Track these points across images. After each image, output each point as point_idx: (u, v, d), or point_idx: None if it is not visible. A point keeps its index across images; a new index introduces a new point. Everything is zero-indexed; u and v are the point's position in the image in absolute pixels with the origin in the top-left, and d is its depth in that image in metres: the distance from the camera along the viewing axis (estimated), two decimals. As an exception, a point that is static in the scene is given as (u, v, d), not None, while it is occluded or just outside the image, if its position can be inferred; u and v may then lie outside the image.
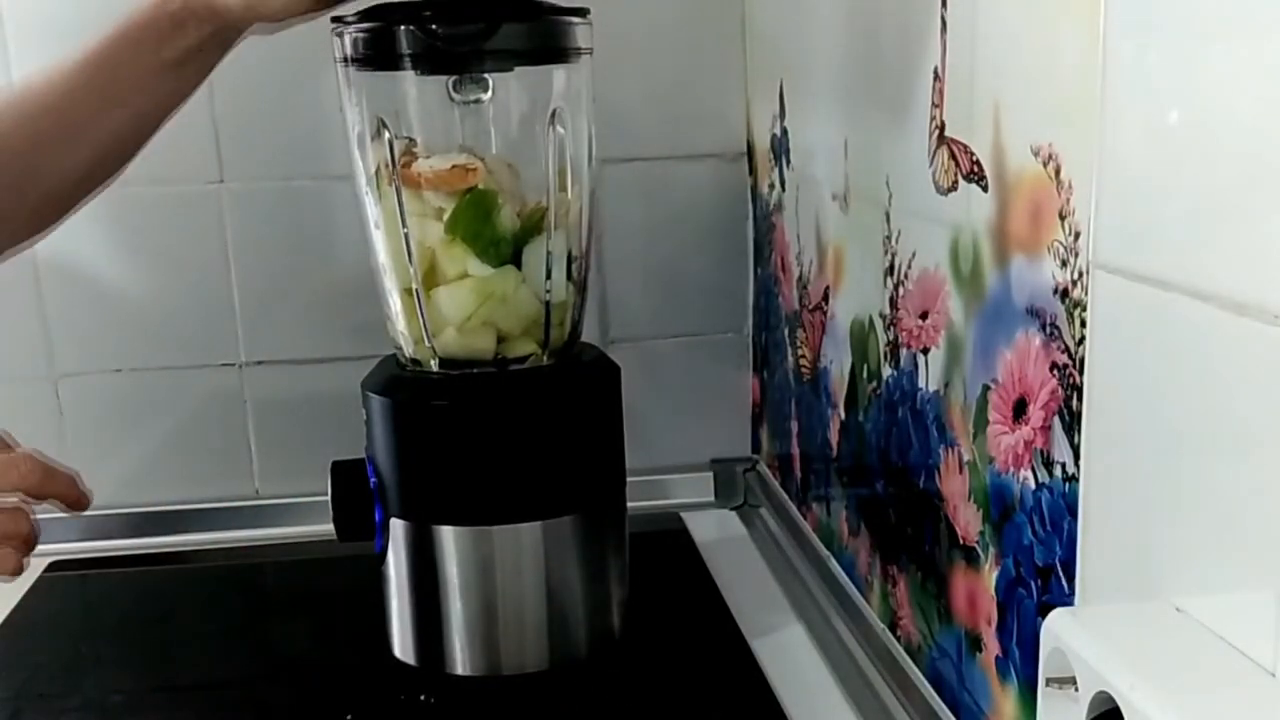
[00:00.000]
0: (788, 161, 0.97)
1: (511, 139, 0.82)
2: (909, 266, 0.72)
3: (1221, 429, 0.43)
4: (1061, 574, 0.55)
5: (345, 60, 0.78)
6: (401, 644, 0.82)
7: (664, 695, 0.80)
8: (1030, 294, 0.57)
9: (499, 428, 0.77)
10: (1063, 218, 0.53)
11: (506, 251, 0.78)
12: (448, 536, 0.78)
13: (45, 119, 0.79)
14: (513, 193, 0.79)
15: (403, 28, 0.74)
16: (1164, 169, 0.46)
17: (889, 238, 0.75)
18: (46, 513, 1.08)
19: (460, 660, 0.80)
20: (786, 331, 1.01)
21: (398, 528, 0.79)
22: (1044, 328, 0.55)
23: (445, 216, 0.77)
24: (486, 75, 0.78)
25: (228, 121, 1.03)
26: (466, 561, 0.79)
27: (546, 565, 0.79)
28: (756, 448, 1.15)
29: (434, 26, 0.74)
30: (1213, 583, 0.44)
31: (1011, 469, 0.60)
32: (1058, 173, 0.53)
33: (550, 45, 0.78)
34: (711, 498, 1.14)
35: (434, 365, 0.80)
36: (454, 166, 0.77)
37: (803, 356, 0.96)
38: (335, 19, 0.77)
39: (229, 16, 0.75)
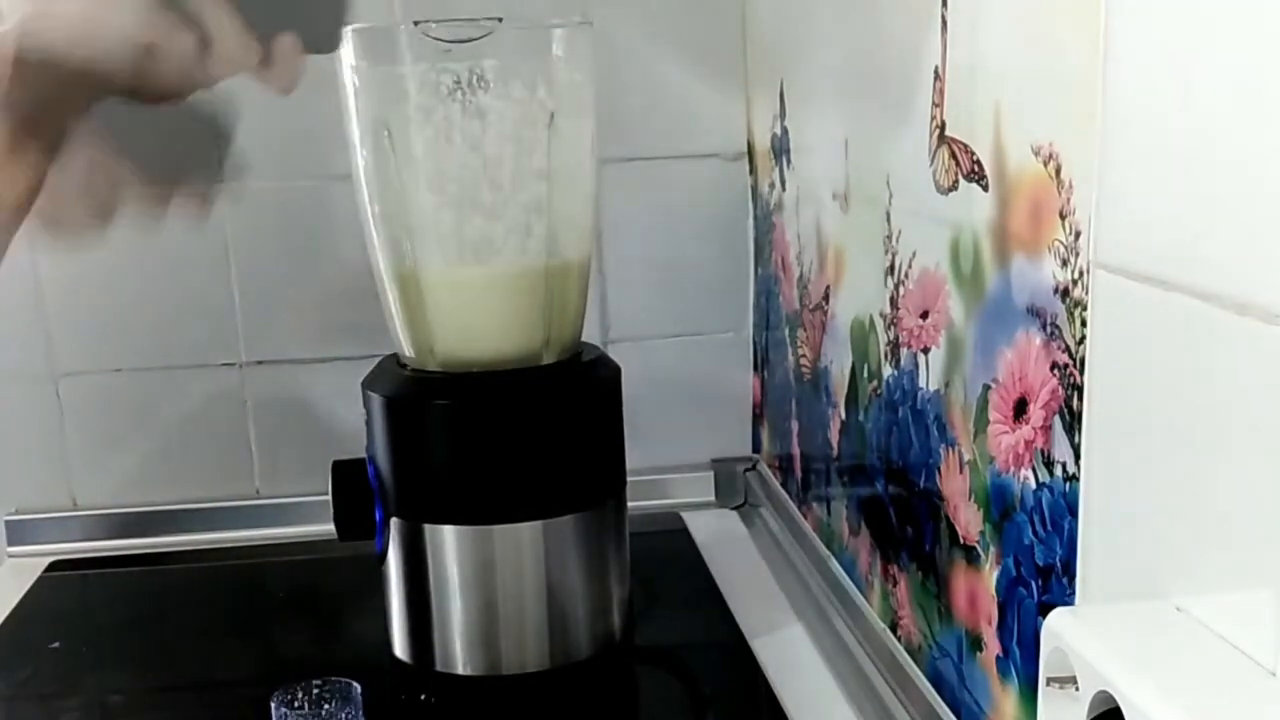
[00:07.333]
0: (788, 161, 0.97)
1: (512, 139, 0.81)
2: (909, 266, 0.72)
3: (1222, 429, 0.43)
4: (1062, 573, 0.55)
5: (345, 60, 0.78)
6: (401, 644, 0.82)
7: (664, 695, 0.81)
8: (1031, 293, 0.57)
9: (499, 428, 0.77)
10: (1063, 217, 0.53)
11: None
12: (448, 536, 0.78)
13: None
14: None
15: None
16: (1164, 169, 0.46)
17: (889, 237, 0.74)
18: (46, 512, 1.10)
19: (460, 660, 0.80)
20: (787, 331, 1.01)
21: (398, 527, 0.79)
22: (1044, 327, 0.55)
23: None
24: (487, 75, 0.78)
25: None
26: (467, 561, 0.79)
27: (546, 565, 0.79)
28: (757, 447, 1.15)
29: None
30: (1213, 583, 0.44)
31: (1012, 468, 0.60)
32: (1058, 172, 0.53)
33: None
34: (711, 497, 1.14)
35: (434, 365, 0.80)
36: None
37: (803, 356, 0.96)
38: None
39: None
